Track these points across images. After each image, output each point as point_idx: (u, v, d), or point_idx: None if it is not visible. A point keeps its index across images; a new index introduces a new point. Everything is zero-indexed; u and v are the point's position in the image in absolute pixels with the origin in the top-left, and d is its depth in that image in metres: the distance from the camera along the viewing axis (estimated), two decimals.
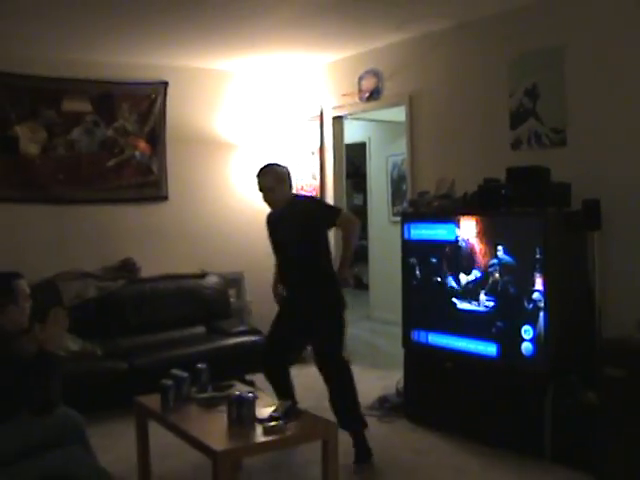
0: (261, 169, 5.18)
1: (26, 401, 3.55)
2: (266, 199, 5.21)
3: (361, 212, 10.52)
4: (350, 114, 7.68)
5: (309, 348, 5.43)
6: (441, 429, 5.50)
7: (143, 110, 7.51)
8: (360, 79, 7.16)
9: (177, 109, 7.67)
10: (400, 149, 8.15)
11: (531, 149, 5.60)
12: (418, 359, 5.79)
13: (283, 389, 5.26)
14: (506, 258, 4.98)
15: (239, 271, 7.99)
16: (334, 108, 7.66)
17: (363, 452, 4.94)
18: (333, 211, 5.31)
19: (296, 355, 5.53)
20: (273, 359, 5.30)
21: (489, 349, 5.14)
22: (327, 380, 5.08)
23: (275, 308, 5.55)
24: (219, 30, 6.21)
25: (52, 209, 7.12)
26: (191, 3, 5.47)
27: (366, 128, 9.80)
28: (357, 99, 7.26)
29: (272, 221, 5.35)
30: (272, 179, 5.12)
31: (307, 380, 6.06)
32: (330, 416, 4.78)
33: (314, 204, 5.59)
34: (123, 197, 7.45)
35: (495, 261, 5.05)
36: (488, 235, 5.11)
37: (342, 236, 5.20)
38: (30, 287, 3.92)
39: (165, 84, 7.57)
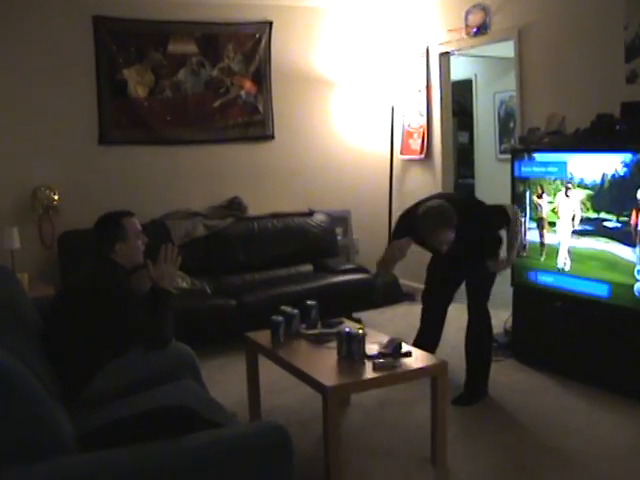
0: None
1: (141, 336, 3.63)
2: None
3: (467, 150, 10.37)
4: (457, 50, 7.51)
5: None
6: (549, 369, 5.44)
7: (248, 50, 7.51)
8: (467, 14, 6.99)
9: (282, 48, 7.66)
10: (508, 86, 7.96)
11: None
12: (527, 298, 5.71)
13: (432, 330, 5.31)
14: (620, 196, 4.83)
15: (346, 209, 8.02)
16: (440, 44, 7.51)
17: (468, 395, 4.97)
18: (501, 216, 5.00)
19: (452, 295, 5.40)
20: (432, 299, 5.31)
21: (600, 289, 5.04)
22: (470, 323, 5.07)
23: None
24: None
25: (160, 150, 7.24)
26: None
27: (472, 64, 9.57)
28: (464, 34, 7.09)
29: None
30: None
31: (414, 318, 6.05)
32: (438, 354, 4.78)
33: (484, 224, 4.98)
34: (229, 137, 7.51)
35: (609, 199, 4.92)
36: (602, 172, 4.96)
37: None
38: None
39: (270, 24, 7.55)
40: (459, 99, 9.36)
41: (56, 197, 6.62)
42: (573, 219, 5.21)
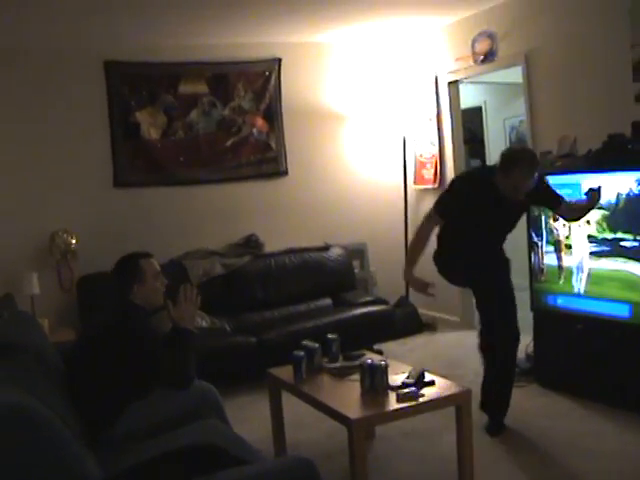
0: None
1: (164, 377, 3.64)
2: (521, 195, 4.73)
3: None
4: (465, 78, 7.56)
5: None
6: (573, 393, 5.39)
7: (258, 88, 7.59)
8: (474, 42, 7.04)
9: (292, 84, 7.74)
10: (517, 111, 8.01)
11: None
12: (548, 322, 5.69)
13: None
14: (636, 215, 4.83)
15: (362, 242, 8.03)
16: (449, 73, 7.57)
17: (493, 427, 4.92)
18: None
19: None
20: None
21: (620, 309, 5.01)
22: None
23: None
24: (332, 1, 6.17)
25: (175, 191, 7.30)
26: None
27: (481, 92, 9.63)
28: (472, 62, 7.14)
29: (483, 196, 4.75)
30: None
31: (435, 348, 6.04)
32: (461, 383, 4.73)
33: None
34: (243, 175, 7.56)
35: (625, 218, 4.91)
36: (616, 191, 4.96)
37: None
38: None
39: (279, 60, 7.63)
40: (469, 126, 9.39)
41: (74, 241, 6.67)
42: (588, 238, 5.22)
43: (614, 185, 4.95)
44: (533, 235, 5.68)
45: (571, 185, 5.28)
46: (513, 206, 4.72)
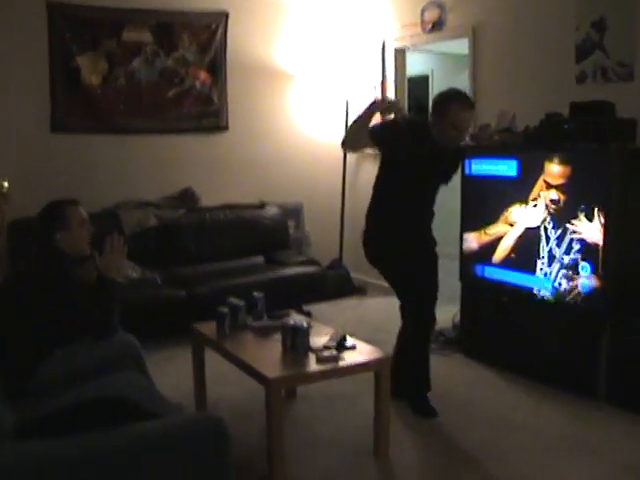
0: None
1: (86, 325, 3.61)
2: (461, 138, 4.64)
3: None
4: (412, 46, 7.55)
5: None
6: (496, 364, 5.50)
7: (203, 40, 7.49)
8: (423, 10, 7.03)
9: (240, 40, 7.65)
10: (464, 82, 8.01)
11: (596, 83, 5.44)
12: (475, 293, 5.77)
13: None
14: (567, 194, 4.89)
15: (298, 202, 8.02)
16: (396, 40, 7.54)
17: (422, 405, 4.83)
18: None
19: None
20: None
21: (545, 285, 5.10)
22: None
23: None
24: None
25: (113, 139, 7.18)
26: None
27: (429, 60, 9.65)
28: (419, 30, 7.13)
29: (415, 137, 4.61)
30: None
31: (363, 312, 6.04)
32: (384, 348, 4.76)
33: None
34: (183, 127, 7.49)
35: (555, 197, 4.98)
36: (549, 170, 5.01)
37: None
38: (91, 216, 3.93)
39: (226, 15, 7.53)
40: (416, 94, 9.40)
41: (6, 184, 6.54)
42: None
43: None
44: None
45: (507, 162, 5.33)
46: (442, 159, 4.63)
